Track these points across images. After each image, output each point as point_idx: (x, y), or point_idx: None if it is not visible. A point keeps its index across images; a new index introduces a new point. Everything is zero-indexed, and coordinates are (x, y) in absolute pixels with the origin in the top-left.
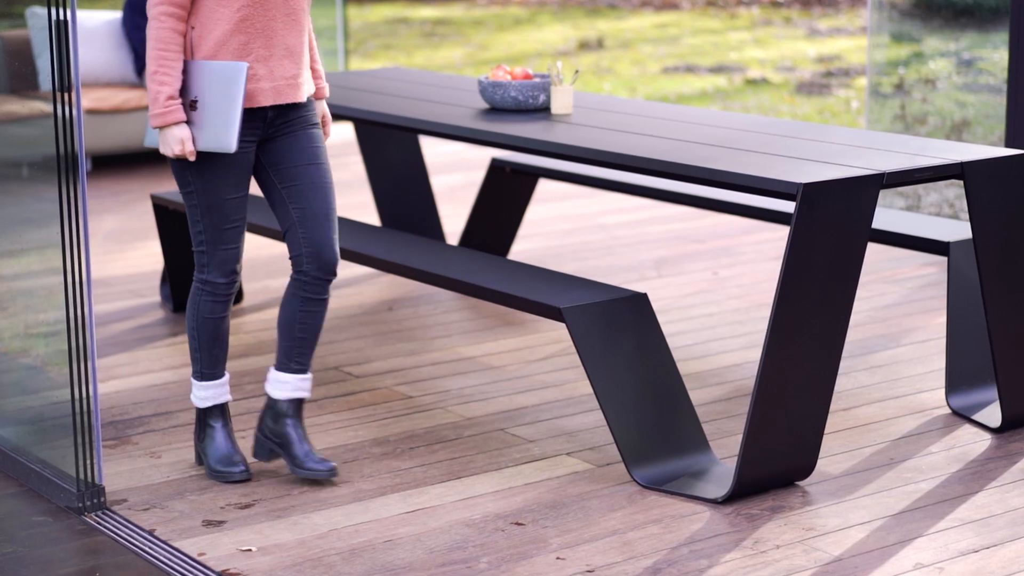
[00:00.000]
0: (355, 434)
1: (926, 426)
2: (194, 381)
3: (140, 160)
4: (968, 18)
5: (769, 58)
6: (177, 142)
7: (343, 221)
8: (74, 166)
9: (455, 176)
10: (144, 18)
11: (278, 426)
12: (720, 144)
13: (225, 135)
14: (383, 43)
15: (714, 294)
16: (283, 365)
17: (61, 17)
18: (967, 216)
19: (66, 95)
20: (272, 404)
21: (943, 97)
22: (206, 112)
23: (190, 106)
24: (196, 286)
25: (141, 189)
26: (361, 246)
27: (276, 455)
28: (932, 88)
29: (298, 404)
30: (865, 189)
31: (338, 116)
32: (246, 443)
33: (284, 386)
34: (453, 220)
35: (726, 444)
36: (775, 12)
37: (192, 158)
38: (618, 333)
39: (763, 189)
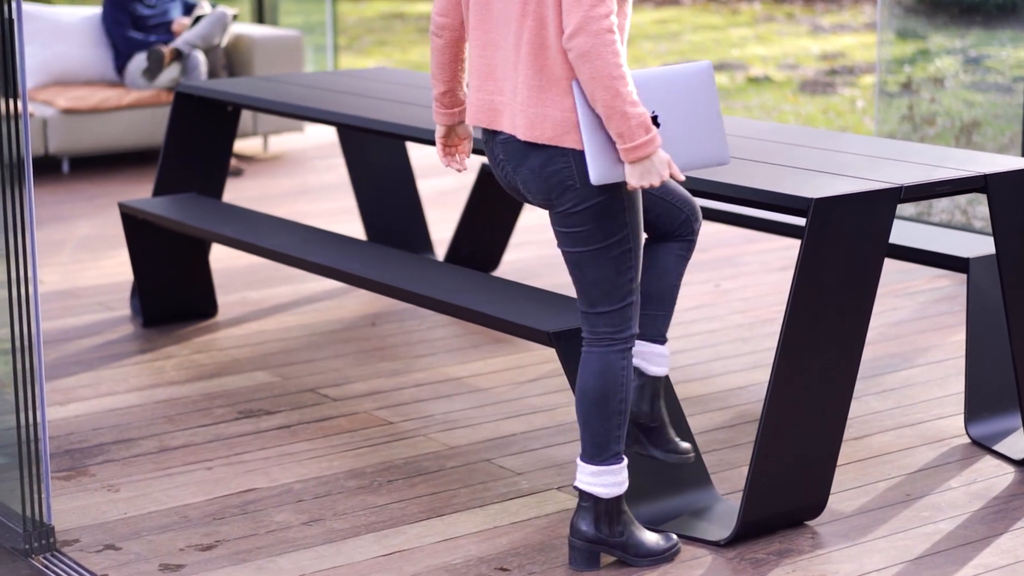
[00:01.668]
0: (329, 465)
1: (944, 457)
2: (609, 466)
3: (118, 163)
4: (974, 15)
5: (772, 55)
6: (664, 165)
7: (319, 231)
8: (20, 174)
9: (445, 180)
10: (125, 14)
11: (655, 409)
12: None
13: (719, 146)
14: (378, 39)
15: (716, 308)
16: (662, 337)
17: (5, 15)
18: (981, 224)
19: (11, 100)
20: (653, 383)
21: (951, 96)
22: (677, 127)
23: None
24: (619, 348)
25: (119, 193)
26: (337, 261)
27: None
28: (940, 87)
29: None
30: (881, 204)
31: (319, 120)
32: (213, 475)
33: (664, 360)
34: (442, 226)
35: (729, 478)
36: (777, 8)
37: (682, 178)
38: None
39: (772, 204)
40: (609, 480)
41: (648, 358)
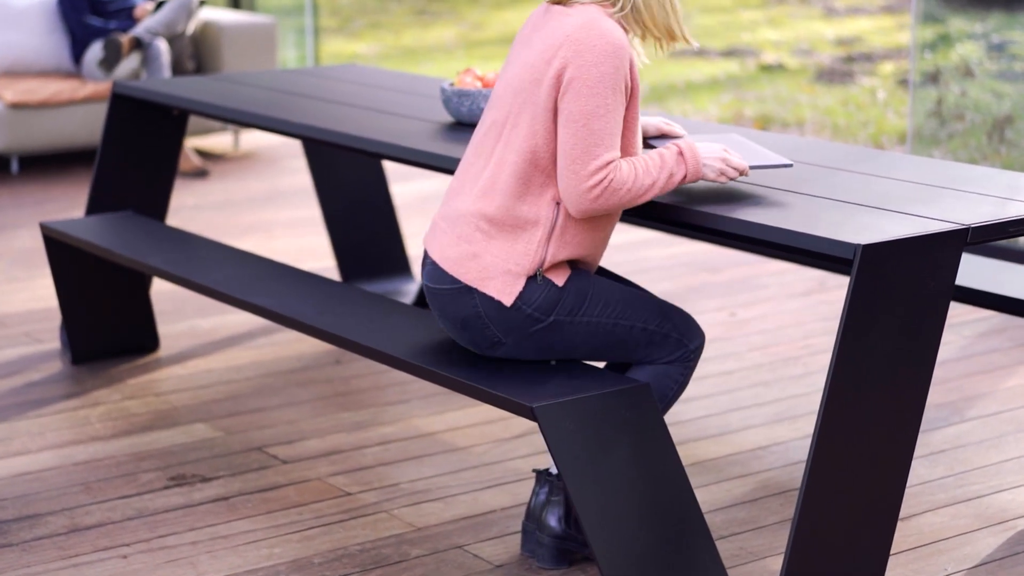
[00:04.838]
0: (269, 552)
1: (1010, 546)
2: None
3: (73, 162)
4: None
5: (784, 40)
6: (718, 157)
7: (270, 264)
8: None
9: (426, 183)
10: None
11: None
12: (748, 180)
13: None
14: (371, 21)
15: (732, 343)
16: None
17: None
18: None
19: None
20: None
21: (978, 87)
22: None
23: None
24: (676, 361)
25: (71, 198)
26: (286, 305)
27: None
28: (969, 77)
29: None
30: (943, 250)
31: (276, 130)
32: (127, 566)
33: None
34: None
35: (752, 573)
36: None
37: (745, 165)
38: (609, 436)
39: (808, 250)
40: None
41: None
